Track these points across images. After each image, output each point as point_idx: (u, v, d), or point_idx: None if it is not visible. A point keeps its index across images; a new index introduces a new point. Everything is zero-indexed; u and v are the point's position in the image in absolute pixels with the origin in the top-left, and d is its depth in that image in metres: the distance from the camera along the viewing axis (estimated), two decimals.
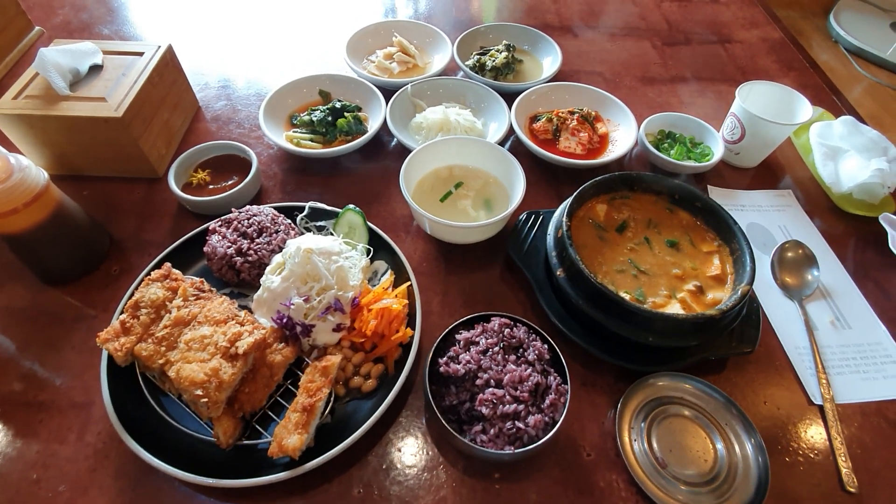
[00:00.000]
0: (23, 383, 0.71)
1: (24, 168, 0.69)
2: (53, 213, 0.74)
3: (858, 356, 0.79)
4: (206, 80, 1.19)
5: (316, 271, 0.71)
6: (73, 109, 0.85)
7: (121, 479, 0.63)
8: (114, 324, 0.66)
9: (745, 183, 1.05)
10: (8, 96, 0.86)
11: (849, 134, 1.02)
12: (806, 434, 0.71)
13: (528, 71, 1.24)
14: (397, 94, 1.06)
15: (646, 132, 1.05)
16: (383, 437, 0.67)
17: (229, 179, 0.93)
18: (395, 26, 1.28)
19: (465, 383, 0.64)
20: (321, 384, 0.64)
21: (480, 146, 0.92)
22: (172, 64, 1.01)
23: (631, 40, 1.41)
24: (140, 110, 0.90)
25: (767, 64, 1.37)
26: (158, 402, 0.66)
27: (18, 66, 1.18)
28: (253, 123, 1.09)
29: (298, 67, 1.25)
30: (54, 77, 0.86)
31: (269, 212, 0.82)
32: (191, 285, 0.71)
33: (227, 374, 0.61)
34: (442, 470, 0.65)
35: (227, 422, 0.61)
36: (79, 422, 0.67)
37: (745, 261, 0.71)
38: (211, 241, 0.78)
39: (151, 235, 0.89)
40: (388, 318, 0.71)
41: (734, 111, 1.02)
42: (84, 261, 0.82)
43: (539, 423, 0.60)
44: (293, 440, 0.59)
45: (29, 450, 0.65)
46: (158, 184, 0.95)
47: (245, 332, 0.65)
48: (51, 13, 1.36)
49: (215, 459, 0.61)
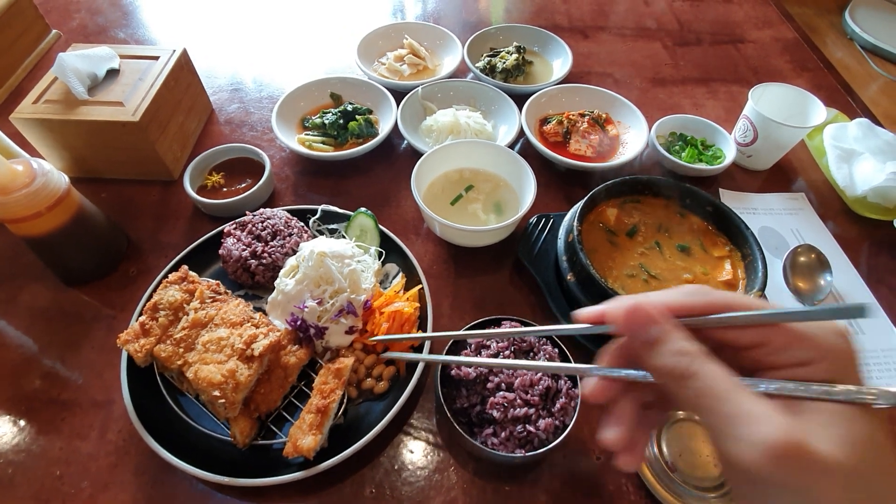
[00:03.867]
0: (45, 382, 0.73)
1: (46, 173, 0.71)
2: (75, 215, 0.76)
3: (872, 363, 0.78)
4: (219, 83, 1.21)
5: (329, 274, 0.72)
6: (91, 114, 0.87)
7: (140, 476, 0.65)
8: (133, 325, 0.67)
9: (757, 186, 1.05)
10: (28, 101, 0.88)
11: (864, 136, 1.01)
12: None
13: (538, 73, 1.24)
14: (408, 97, 1.07)
15: (657, 134, 1.05)
16: (395, 438, 0.69)
17: (243, 182, 0.95)
18: (406, 28, 1.28)
19: (475, 386, 0.65)
20: (334, 386, 0.65)
21: (491, 149, 0.93)
22: (187, 68, 1.03)
23: (642, 41, 1.40)
24: (156, 114, 0.91)
25: (781, 64, 1.36)
26: (176, 401, 0.68)
27: (37, 70, 1.21)
28: (265, 126, 1.10)
29: (310, 70, 1.26)
30: (73, 82, 0.88)
31: (282, 215, 0.83)
32: (207, 287, 0.72)
33: (243, 376, 0.62)
34: (452, 471, 0.66)
35: (243, 422, 0.63)
36: (100, 419, 0.69)
37: (757, 266, 0.71)
38: (226, 243, 0.79)
39: (168, 237, 0.90)
40: (399, 321, 0.72)
41: (746, 113, 1.01)
42: (103, 262, 0.84)
43: (549, 426, 0.60)
44: (308, 441, 0.60)
45: (52, 447, 0.67)
46: (174, 186, 0.97)
47: (260, 334, 0.66)
48: (67, 17, 1.39)
49: (232, 458, 0.63)
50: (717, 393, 0.28)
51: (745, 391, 0.28)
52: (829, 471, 0.26)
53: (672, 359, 0.29)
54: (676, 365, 0.29)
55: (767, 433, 0.26)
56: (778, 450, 0.26)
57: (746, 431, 0.26)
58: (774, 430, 0.26)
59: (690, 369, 0.29)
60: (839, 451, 0.26)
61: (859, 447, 0.26)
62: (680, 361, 0.29)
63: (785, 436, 0.26)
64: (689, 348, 0.29)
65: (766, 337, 0.30)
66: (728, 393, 0.27)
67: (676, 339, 0.30)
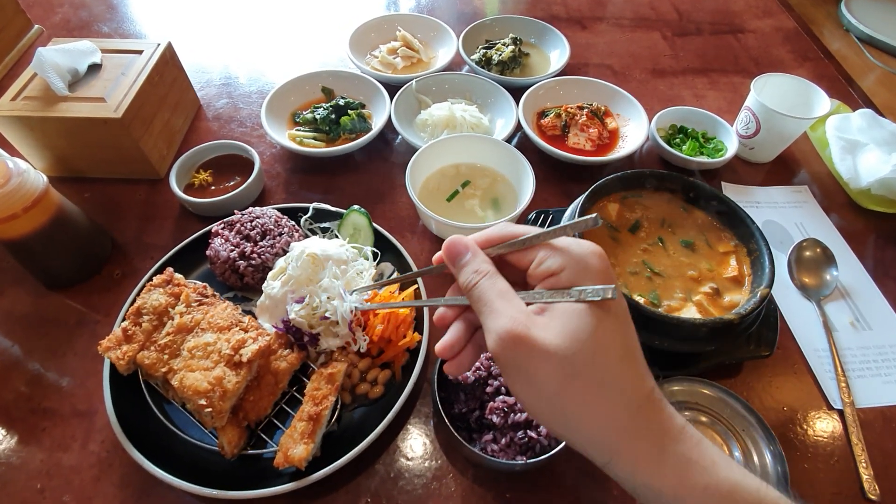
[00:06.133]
0: (26, 390, 0.70)
1: (22, 172, 0.68)
2: (54, 217, 0.73)
3: (879, 358, 0.76)
4: (207, 78, 1.17)
5: (318, 275, 0.69)
6: (72, 110, 0.84)
7: (125, 489, 0.62)
8: (116, 331, 0.64)
9: (760, 179, 1.02)
10: (6, 98, 0.85)
11: (868, 127, 0.99)
12: (825, 439, 0.69)
13: (535, 65, 1.21)
14: (402, 91, 1.04)
15: (657, 127, 1.02)
16: (391, 444, 0.66)
17: (232, 180, 0.91)
18: (399, 20, 1.25)
19: (474, 390, 0.62)
20: (327, 391, 0.63)
21: (487, 143, 0.90)
22: (172, 62, 0.99)
23: (640, 31, 1.37)
24: (140, 110, 0.88)
25: (782, 54, 1.33)
26: (162, 409, 0.65)
27: (18, 66, 1.17)
28: (255, 122, 1.07)
29: (300, 63, 1.22)
30: (53, 77, 0.84)
31: (272, 213, 0.80)
32: (193, 290, 0.69)
33: (231, 383, 0.59)
34: (451, 479, 0.63)
35: (231, 431, 0.60)
36: (82, 430, 0.66)
37: (764, 262, 0.68)
38: (213, 244, 0.76)
39: (153, 238, 0.87)
40: (395, 323, 0.69)
41: (749, 105, 0.99)
42: (86, 264, 0.81)
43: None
44: (299, 450, 0.57)
45: (33, 458, 0.64)
46: (160, 185, 0.94)
47: (249, 338, 0.63)
48: (50, 11, 1.34)
49: (220, 469, 0.60)
50: (486, 300, 0.36)
51: (506, 299, 0.36)
52: (545, 354, 0.33)
53: (468, 276, 0.38)
54: (469, 280, 0.38)
55: (501, 324, 0.34)
56: (504, 336, 0.33)
57: (491, 325, 0.35)
58: (506, 322, 0.34)
59: (473, 282, 0.37)
60: (557, 340, 0.33)
61: (573, 337, 0.33)
62: (472, 278, 0.37)
63: (510, 325, 0.33)
64: (482, 268, 0.38)
65: (538, 256, 0.37)
66: (492, 300, 0.36)
67: (476, 261, 0.38)
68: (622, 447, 0.33)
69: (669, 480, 0.33)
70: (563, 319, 0.33)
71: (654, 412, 0.34)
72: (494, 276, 0.37)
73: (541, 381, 0.33)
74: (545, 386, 0.33)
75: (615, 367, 0.33)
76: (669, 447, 0.33)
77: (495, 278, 0.37)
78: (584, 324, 0.33)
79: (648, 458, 0.33)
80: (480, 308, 0.36)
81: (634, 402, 0.34)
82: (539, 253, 0.37)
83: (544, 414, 0.35)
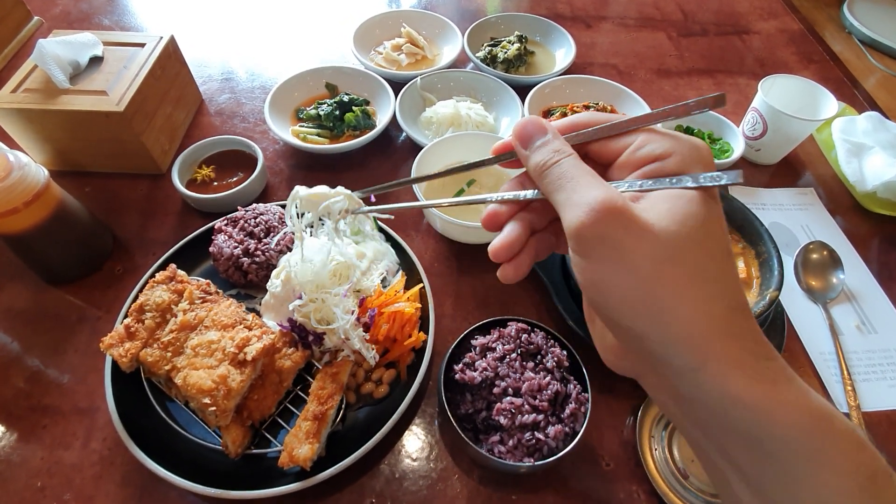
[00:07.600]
0: (26, 387, 0.69)
1: (23, 166, 0.67)
2: (55, 211, 0.72)
3: (885, 362, 0.76)
4: (210, 73, 1.16)
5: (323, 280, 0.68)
6: (73, 103, 0.82)
7: (127, 488, 0.61)
8: (118, 328, 0.63)
9: (765, 180, 1.02)
10: (6, 90, 0.83)
11: (874, 130, 0.99)
12: None
13: (540, 63, 1.21)
14: (406, 88, 1.03)
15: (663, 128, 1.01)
16: (395, 445, 0.65)
17: (234, 176, 0.90)
18: (404, 16, 1.24)
19: (481, 391, 0.62)
20: (332, 391, 0.62)
21: (493, 142, 0.89)
22: (175, 56, 0.98)
23: (646, 31, 1.37)
24: (142, 104, 0.87)
25: (787, 56, 1.33)
26: (164, 408, 0.64)
27: (17, 58, 1.15)
28: (258, 118, 1.06)
29: (304, 59, 1.21)
30: (54, 70, 0.83)
31: (276, 210, 0.79)
32: (197, 287, 0.68)
33: (235, 382, 0.59)
34: (457, 480, 0.63)
35: (235, 430, 0.59)
36: (83, 427, 0.66)
37: (773, 265, 0.68)
38: (217, 240, 0.75)
39: (155, 233, 0.86)
40: (400, 322, 0.68)
41: (756, 106, 0.99)
42: (87, 260, 0.80)
43: (559, 433, 0.58)
44: (304, 450, 0.57)
45: (34, 456, 0.63)
46: (162, 180, 0.93)
47: (253, 336, 0.63)
48: (50, 3, 1.33)
49: (223, 469, 0.60)
50: (571, 175, 0.31)
51: (596, 177, 0.31)
52: (646, 231, 0.29)
53: (547, 154, 0.33)
54: (548, 158, 0.33)
55: (595, 195, 0.30)
56: (598, 206, 0.29)
57: (580, 197, 0.30)
58: (600, 193, 0.30)
59: (555, 159, 0.33)
60: (658, 220, 0.29)
61: (681, 221, 0.29)
62: (552, 156, 0.33)
63: (605, 196, 0.29)
64: (565, 149, 0.33)
65: (635, 142, 0.33)
66: (580, 175, 0.31)
67: (558, 142, 0.34)
68: (717, 348, 0.29)
69: (765, 391, 0.28)
70: (669, 203, 0.30)
71: (750, 320, 0.30)
72: (578, 158, 0.33)
73: (636, 262, 0.29)
74: (640, 267, 0.29)
75: (721, 260, 0.30)
76: (763, 360, 0.29)
77: (580, 161, 0.33)
78: (695, 210, 0.29)
79: (744, 365, 0.29)
80: (563, 184, 0.31)
81: (734, 302, 0.30)
82: (637, 138, 0.33)
83: (631, 301, 0.30)
